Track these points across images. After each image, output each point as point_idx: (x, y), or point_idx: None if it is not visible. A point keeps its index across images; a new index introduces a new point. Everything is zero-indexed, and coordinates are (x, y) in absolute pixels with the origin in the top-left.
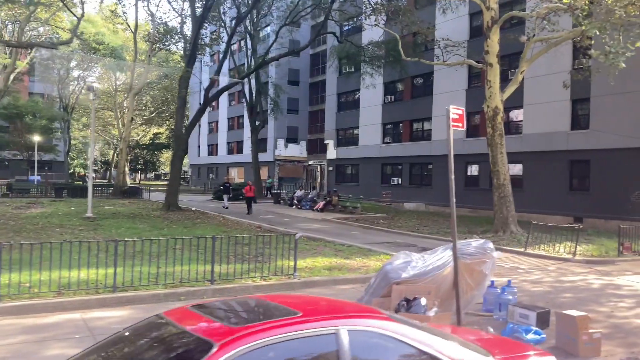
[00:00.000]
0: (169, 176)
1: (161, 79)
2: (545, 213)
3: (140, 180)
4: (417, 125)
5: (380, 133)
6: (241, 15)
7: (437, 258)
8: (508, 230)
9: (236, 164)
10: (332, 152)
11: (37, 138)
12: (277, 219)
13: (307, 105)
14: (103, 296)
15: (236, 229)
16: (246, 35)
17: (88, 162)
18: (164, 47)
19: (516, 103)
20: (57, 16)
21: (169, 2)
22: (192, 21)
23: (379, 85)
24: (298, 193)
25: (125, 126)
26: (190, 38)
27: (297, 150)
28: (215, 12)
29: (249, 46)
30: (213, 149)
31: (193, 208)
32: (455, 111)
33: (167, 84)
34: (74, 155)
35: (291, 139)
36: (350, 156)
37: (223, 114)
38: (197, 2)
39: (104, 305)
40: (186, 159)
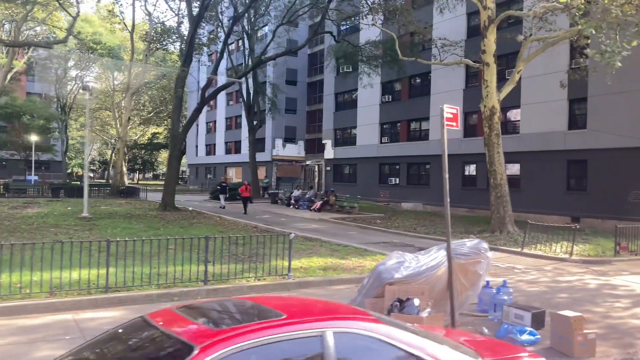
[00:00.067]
0: (166, 176)
1: (159, 79)
2: (542, 213)
3: (138, 180)
4: (415, 125)
5: (377, 133)
6: (238, 14)
7: (431, 258)
8: (505, 230)
9: (234, 164)
10: (330, 152)
11: (35, 138)
12: (274, 219)
13: (305, 105)
14: (95, 297)
15: (232, 229)
16: (243, 35)
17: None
18: (162, 47)
19: (513, 103)
20: (54, 15)
21: (166, 2)
22: (189, 21)
23: (377, 85)
24: (295, 193)
25: (122, 126)
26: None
27: (295, 150)
28: (212, 12)
29: (247, 46)
30: (211, 149)
31: (190, 208)
32: (449, 110)
33: (165, 84)
34: (72, 155)
35: (289, 139)
36: (348, 156)
37: (221, 114)
38: (194, 2)
39: (96, 305)
40: (184, 159)
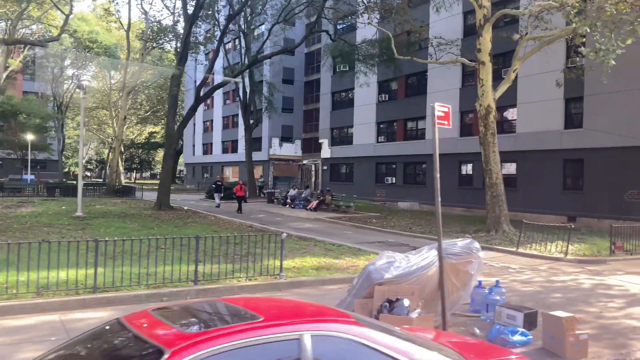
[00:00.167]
0: (161, 175)
1: (156, 78)
2: (538, 212)
3: (135, 179)
4: (411, 124)
5: (374, 132)
6: (233, 13)
7: (422, 258)
8: (500, 229)
9: (231, 163)
10: (327, 151)
11: (31, 137)
12: (270, 218)
13: (302, 104)
14: (83, 297)
15: (227, 229)
16: (240, 34)
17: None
18: (158, 46)
19: (510, 102)
20: (50, 14)
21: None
22: (184, 19)
23: (373, 84)
24: (291, 192)
25: (118, 125)
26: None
27: (292, 149)
28: (209, 11)
29: (243, 45)
30: (208, 148)
31: (185, 207)
32: (440, 109)
33: (162, 83)
34: (69, 154)
35: (286, 138)
36: (344, 155)
37: (218, 113)
38: (190, 1)
39: (84, 306)
40: (181, 158)
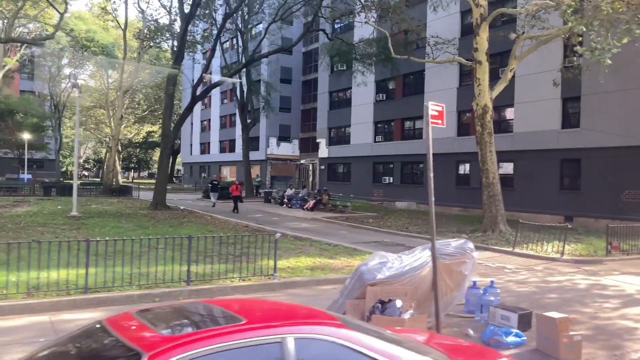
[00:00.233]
0: (157, 174)
1: (154, 77)
2: (536, 212)
3: (133, 178)
4: (409, 123)
5: (372, 131)
6: (230, 11)
7: (415, 258)
8: (497, 229)
9: (228, 163)
10: (324, 151)
11: (27, 136)
12: (266, 218)
13: (300, 103)
14: (74, 297)
15: (223, 228)
16: (237, 33)
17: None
18: (155, 45)
19: (507, 101)
20: (47, 13)
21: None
22: (180, 18)
23: (371, 83)
24: (288, 192)
25: (115, 124)
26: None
27: (290, 148)
28: (206, 10)
29: (241, 44)
30: (205, 148)
31: (181, 207)
32: (434, 108)
33: (160, 82)
34: (66, 153)
35: (283, 138)
36: (342, 155)
37: (215, 112)
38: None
39: (75, 307)
40: (179, 158)
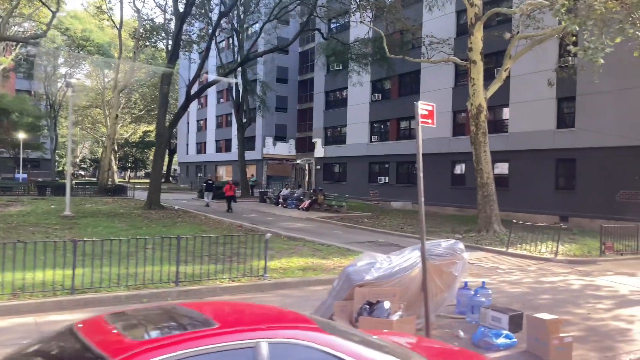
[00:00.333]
0: (151, 174)
1: (150, 77)
2: (531, 212)
3: (129, 178)
4: (404, 123)
5: (367, 131)
6: (225, 10)
7: (405, 259)
8: (491, 229)
9: (225, 162)
10: (320, 151)
11: (23, 135)
12: (261, 218)
13: (296, 103)
14: (60, 298)
15: (216, 228)
16: (233, 32)
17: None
18: (151, 44)
19: (502, 101)
20: (42, 11)
21: None
22: (175, 17)
23: (367, 83)
24: (284, 192)
25: (110, 123)
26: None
27: (286, 148)
28: (202, 10)
29: (237, 44)
30: (202, 147)
31: (176, 207)
32: (424, 107)
33: (157, 82)
34: (62, 153)
35: (280, 137)
36: (338, 155)
37: (211, 112)
38: None
39: (61, 308)
40: (175, 157)
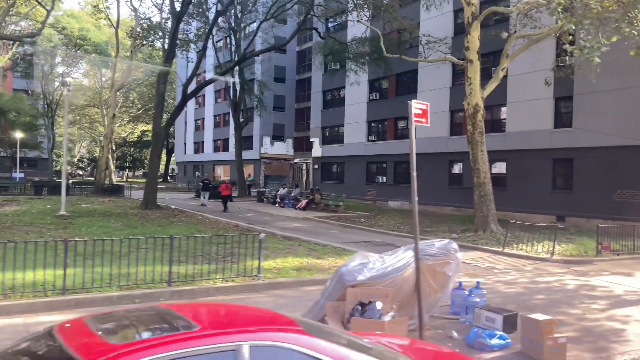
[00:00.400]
0: (148, 173)
1: (147, 76)
2: (528, 212)
3: (127, 177)
4: (402, 123)
5: (365, 131)
6: (222, 9)
7: (398, 259)
8: (488, 229)
9: (222, 162)
10: (318, 150)
11: (20, 135)
12: (257, 218)
13: (294, 102)
14: (51, 299)
15: (212, 228)
16: (230, 32)
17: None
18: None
19: (499, 101)
20: (38, 10)
21: None
22: (171, 16)
23: (364, 82)
24: (281, 191)
25: (107, 123)
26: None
27: (284, 148)
28: (199, 9)
29: (234, 43)
30: (199, 147)
31: (172, 206)
32: (418, 106)
33: (154, 81)
34: (60, 152)
35: (277, 137)
36: (335, 154)
37: (209, 112)
38: None
39: (52, 308)
40: (173, 157)
